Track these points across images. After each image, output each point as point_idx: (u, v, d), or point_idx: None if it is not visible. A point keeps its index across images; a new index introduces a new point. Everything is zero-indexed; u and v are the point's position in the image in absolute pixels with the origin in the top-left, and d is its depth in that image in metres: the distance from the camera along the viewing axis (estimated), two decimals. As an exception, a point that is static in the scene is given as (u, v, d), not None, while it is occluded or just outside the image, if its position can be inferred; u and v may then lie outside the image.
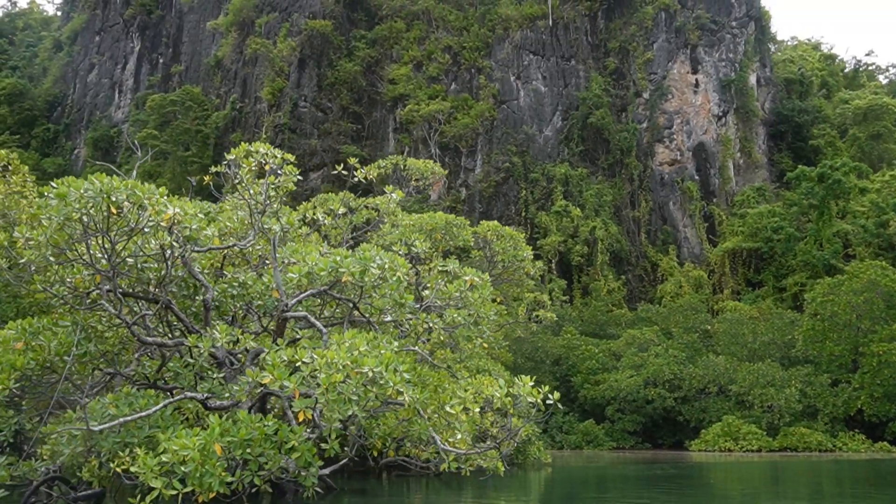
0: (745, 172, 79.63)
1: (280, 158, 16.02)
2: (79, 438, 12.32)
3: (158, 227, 12.66)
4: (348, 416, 11.04)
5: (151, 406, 12.59)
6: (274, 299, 14.70)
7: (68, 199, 11.98)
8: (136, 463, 11.25)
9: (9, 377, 14.15)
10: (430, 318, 15.03)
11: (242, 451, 10.84)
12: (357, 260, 13.31)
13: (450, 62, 78.69)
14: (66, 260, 13.53)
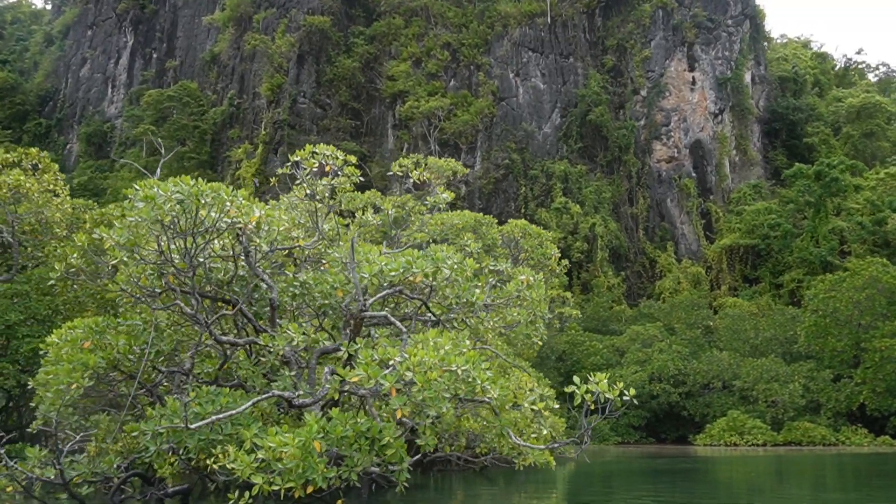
0: (740, 170, 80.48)
1: (342, 160, 16.29)
2: (164, 436, 12.57)
3: (243, 230, 12.92)
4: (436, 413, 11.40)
5: (233, 404, 12.86)
6: (340, 298, 15.01)
7: (157, 201, 12.22)
8: (229, 460, 11.53)
9: (82, 376, 14.40)
10: (490, 317, 15.37)
11: (340, 448, 11.17)
12: (430, 260, 13.64)
13: (449, 59, 78.94)
14: (144, 260, 13.75)
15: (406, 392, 11.15)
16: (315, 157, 16.38)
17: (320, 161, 16.21)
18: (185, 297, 14.03)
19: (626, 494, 17.06)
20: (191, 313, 13.89)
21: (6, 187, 23.44)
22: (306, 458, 10.83)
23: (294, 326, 13.92)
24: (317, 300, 15.73)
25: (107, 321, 15.58)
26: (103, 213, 24.34)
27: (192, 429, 11.82)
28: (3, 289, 24.57)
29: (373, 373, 11.30)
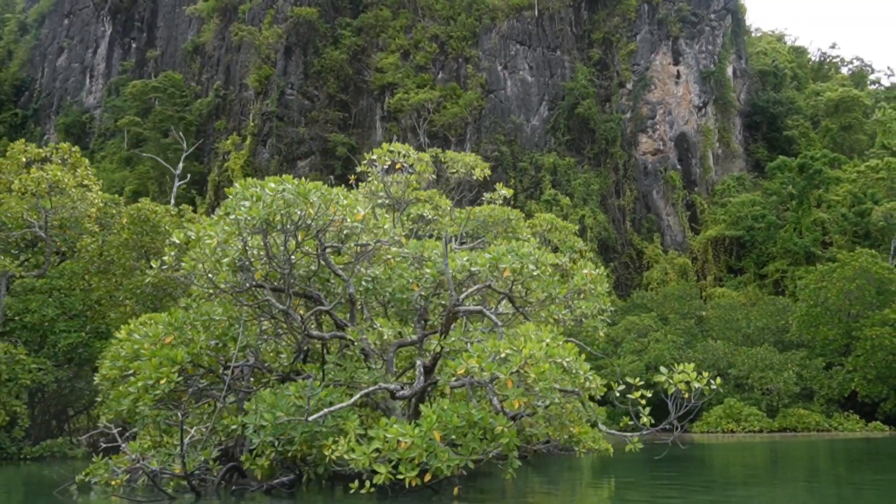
0: (723, 162, 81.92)
1: (415, 158, 16.66)
2: (267, 429, 12.89)
3: (347, 227, 13.28)
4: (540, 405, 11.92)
5: (334, 397, 13.24)
6: (414, 293, 15.42)
7: (264, 200, 12.52)
8: (344, 451, 11.93)
9: (170, 371, 14.66)
10: (559, 309, 15.90)
11: (457, 437, 11.64)
12: (515, 256, 14.11)
13: (437, 51, 79.17)
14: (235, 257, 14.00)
15: (519, 383, 11.65)
16: (389, 154, 16.69)
17: (392, 159, 16.51)
18: (278, 295, 14.33)
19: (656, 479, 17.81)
20: (283, 308, 14.20)
21: (45, 182, 23.41)
22: (429, 447, 11.28)
23: (382, 321, 14.31)
24: (387, 294, 16.13)
25: (185, 317, 15.81)
26: (139, 209, 24.40)
27: (310, 420, 12.18)
28: (39, 284, 24.56)
29: (489, 366, 11.77)
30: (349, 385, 14.37)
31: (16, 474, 19.23)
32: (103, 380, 17.63)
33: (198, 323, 16.04)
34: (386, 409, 14.84)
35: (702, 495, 13.71)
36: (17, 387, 22.16)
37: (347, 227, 13.51)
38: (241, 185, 13.44)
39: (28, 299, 24.29)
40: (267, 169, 75.21)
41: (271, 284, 14.41)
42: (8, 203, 24.70)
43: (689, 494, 14.01)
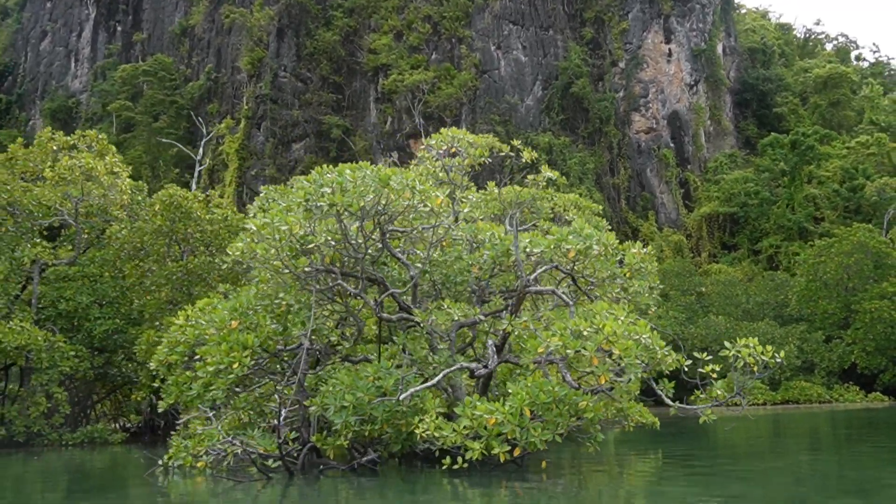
0: (714, 139, 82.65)
1: (468, 142, 16.94)
2: (349, 409, 13.22)
3: (431, 212, 13.58)
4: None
5: (409, 378, 13.59)
6: (474, 275, 15.76)
7: (345, 187, 12.78)
8: (433, 428, 12.31)
9: (241, 355, 14.94)
10: (613, 288, 16.30)
11: (543, 413, 12.05)
12: (579, 237, 14.48)
13: (430, 32, 78.96)
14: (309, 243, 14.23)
15: (604, 359, 12.07)
16: (445, 139, 16.97)
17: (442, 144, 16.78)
18: (348, 280, 14.61)
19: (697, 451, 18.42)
20: (355, 292, 14.49)
21: (77, 170, 23.44)
22: (521, 423, 11.68)
23: (450, 302, 14.66)
24: (445, 276, 16.45)
25: (249, 302, 16.04)
26: (171, 196, 24.48)
27: (401, 399, 12.54)
28: (73, 271, 24.63)
29: (573, 344, 12.16)
30: (420, 365, 14.72)
31: (80, 460, 19.45)
32: (160, 365, 17.86)
33: (259, 307, 16.30)
34: (451, 388, 15.21)
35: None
36: (56, 374, 22.32)
37: (421, 211, 13.80)
38: (318, 172, 13.67)
39: (62, 287, 24.37)
40: (262, 152, 75.03)
41: (340, 269, 14.67)
42: (42, 191, 24.70)
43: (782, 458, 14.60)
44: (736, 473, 14.54)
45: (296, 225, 13.23)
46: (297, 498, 11.68)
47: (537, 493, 11.69)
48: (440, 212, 14.35)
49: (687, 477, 14.24)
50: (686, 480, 13.66)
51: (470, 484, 12.19)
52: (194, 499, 11.79)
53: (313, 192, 13.20)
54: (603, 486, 12.68)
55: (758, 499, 10.96)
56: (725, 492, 11.51)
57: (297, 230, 13.28)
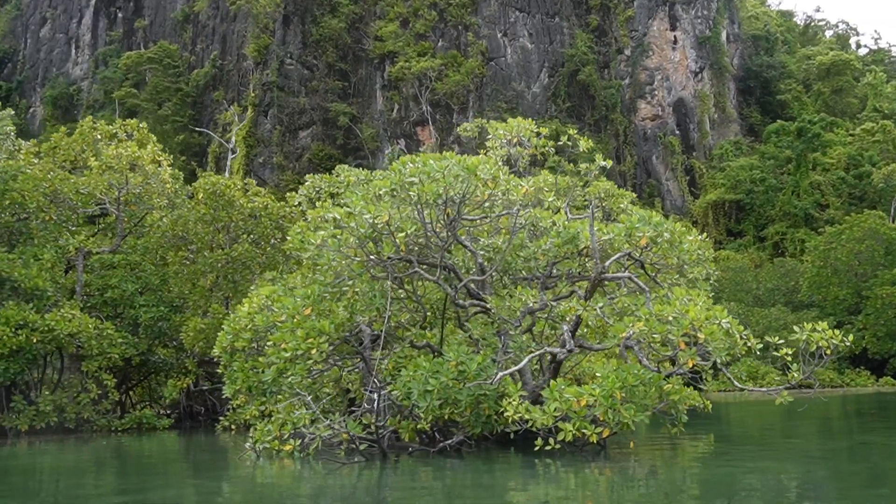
0: (719, 127, 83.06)
1: (531, 130, 17.24)
2: (433, 392, 13.56)
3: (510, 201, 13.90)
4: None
5: (487, 363, 13.95)
6: (542, 262, 16.10)
7: (433, 176, 13.07)
8: (523, 410, 12.68)
9: (318, 341, 15.24)
10: (671, 275, 16.67)
11: (630, 396, 12.44)
12: (651, 225, 14.83)
13: (436, 19, 78.92)
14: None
15: (692, 344, 12.47)
16: (508, 129, 17.27)
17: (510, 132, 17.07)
18: (423, 268, 14.90)
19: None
20: (432, 279, 14.81)
21: (124, 159, 23.62)
22: (613, 405, 12.06)
23: (521, 289, 14.99)
24: (504, 263, 16.77)
25: (321, 289, 16.32)
26: (215, 184, 24.69)
27: (493, 383, 12.89)
28: (117, 259, 24.84)
29: (660, 328, 12.53)
30: (493, 350, 15.07)
31: (145, 445, 19.73)
32: (223, 351, 18.15)
33: (327, 294, 16.59)
34: (518, 373, 15.55)
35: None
36: (105, 361, 22.57)
37: (500, 200, 14.12)
38: (402, 162, 13.95)
39: (106, 275, 24.58)
40: (269, 140, 75.01)
41: (416, 257, 14.97)
42: (88, 179, 24.84)
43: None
44: (820, 452, 15.00)
45: (384, 214, 13.50)
46: (408, 477, 12.02)
47: (637, 471, 12.18)
48: (517, 200, 14.64)
49: (775, 454, 14.69)
50: (774, 457, 14.09)
51: (563, 464, 12.58)
52: (303, 481, 12.09)
53: (399, 182, 13.48)
54: (695, 465, 13.13)
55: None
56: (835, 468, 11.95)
57: (384, 219, 13.55)
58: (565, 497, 10.02)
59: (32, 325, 21.18)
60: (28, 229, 23.64)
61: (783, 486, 10.55)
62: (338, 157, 76.33)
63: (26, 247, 23.13)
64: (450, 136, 75.88)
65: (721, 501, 9.45)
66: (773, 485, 10.58)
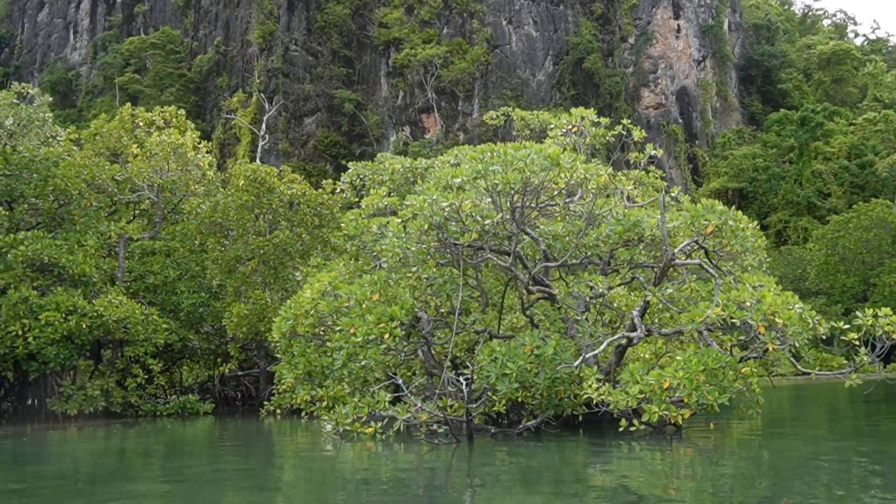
0: (721, 115, 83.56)
1: (588, 119, 17.56)
2: (511, 377, 13.91)
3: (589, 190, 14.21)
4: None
5: (562, 347, 14.31)
6: (600, 249, 16.45)
7: (515, 164, 13.36)
8: (604, 392, 13.06)
9: (389, 326, 15.53)
10: (724, 263, 17.04)
11: (710, 380, 12.81)
12: (717, 213, 15.19)
13: (441, 6, 78.89)
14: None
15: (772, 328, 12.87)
16: (569, 118, 17.58)
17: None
18: (496, 255, 15.22)
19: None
20: (504, 265, 15.13)
21: (168, 146, 23.75)
22: (697, 388, 12.45)
23: (595, 277, 15.34)
24: (563, 250, 17.09)
25: (387, 275, 16.60)
26: (255, 170, 24.87)
27: (576, 366, 13.26)
28: (158, 246, 25.01)
29: (739, 314, 12.92)
30: (561, 334, 15.44)
31: (200, 429, 19.96)
32: (282, 337, 18.42)
33: (390, 281, 16.89)
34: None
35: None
36: (151, 346, 22.79)
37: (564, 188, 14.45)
38: (480, 151, 14.23)
39: (148, 261, 24.74)
40: (275, 126, 74.94)
41: (487, 245, 15.27)
42: (132, 166, 24.95)
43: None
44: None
45: (468, 203, 13.77)
46: (506, 456, 12.35)
47: (720, 450, 12.62)
48: (591, 188, 14.98)
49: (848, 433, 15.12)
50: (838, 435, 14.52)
51: (647, 445, 12.97)
52: (400, 461, 12.37)
53: (481, 170, 13.75)
54: (777, 443, 13.59)
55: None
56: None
57: (469, 207, 13.82)
58: (668, 472, 10.39)
59: (82, 311, 21.39)
60: (70, 215, 23.75)
61: (870, 462, 10.96)
62: (343, 144, 76.54)
63: (68, 233, 23.25)
64: (455, 124, 76.07)
65: (822, 474, 9.84)
66: (861, 462, 10.99)
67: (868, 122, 72.44)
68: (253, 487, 10.17)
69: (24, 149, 24.30)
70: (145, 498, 9.35)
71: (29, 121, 25.80)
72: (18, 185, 23.35)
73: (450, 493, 9.30)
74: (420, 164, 22.69)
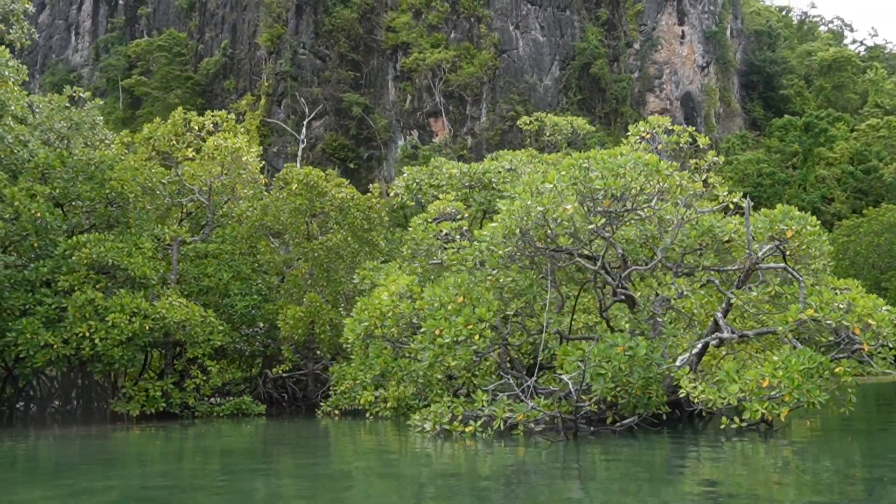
0: (724, 121, 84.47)
1: (664, 129, 18.02)
2: (606, 376, 14.34)
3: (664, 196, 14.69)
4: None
5: (654, 348, 14.76)
6: (676, 253, 16.92)
7: (618, 171, 13.81)
8: (702, 391, 13.51)
9: (478, 327, 15.93)
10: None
11: (805, 380, 13.30)
12: (795, 218, 15.72)
13: (449, 11, 79.40)
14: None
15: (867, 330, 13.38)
16: (646, 126, 18.07)
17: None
18: (585, 258, 15.66)
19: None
20: (594, 268, 15.57)
21: (226, 150, 24.05)
22: (798, 386, 12.92)
23: (679, 280, 15.80)
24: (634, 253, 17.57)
25: (470, 278, 17.01)
26: (308, 174, 25.19)
27: (678, 367, 13.71)
28: (212, 248, 25.28)
29: (834, 315, 13.42)
30: (644, 335, 15.89)
31: (272, 431, 20.22)
32: (356, 339, 18.77)
33: (472, 284, 17.30)
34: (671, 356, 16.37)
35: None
36: (209, 348, 23.06)
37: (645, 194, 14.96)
38: (577, 157, 14.69)
39: (202, 264, 24.99)
40: (283, 129, 75.19)
41: (574, 249, 15.72)
42: (189, 169, 25.23)
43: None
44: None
45: (568, 208, 14.22)
46: (613, 451, 12.73)
47: (819, 446, 13.11)
48: (676, 193, 15.48)
49: None
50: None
51: (749, 441, 13.45)
52: (517, 458, 12.71)
53: (580, 176, 14.20)
54: (874, 441, 14.11)
55: None
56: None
57: (569, 212, 14.26)
58: (775, 468, 10.85)
59: (144, 313, 21.65)
60: (125, 218, 24.00)
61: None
62: (350, 147, 76.90)
63: (124, 235, 23.49)
64: (463, 128, 76.54)
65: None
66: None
67: (871, 128, 73.44)
68: (392, 476, 10.54)
69: (80, 152, 24.55)
70: (315, 492, 9.70)
71: (79, 124, 26.01)
72: (74, 188, 23.59)
73: (592, 486, 9.71)
74: (477, 168, 23.11)
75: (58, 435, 20.00)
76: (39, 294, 21.63)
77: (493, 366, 19.23)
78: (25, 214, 22.00)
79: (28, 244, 22.18)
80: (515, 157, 22.82)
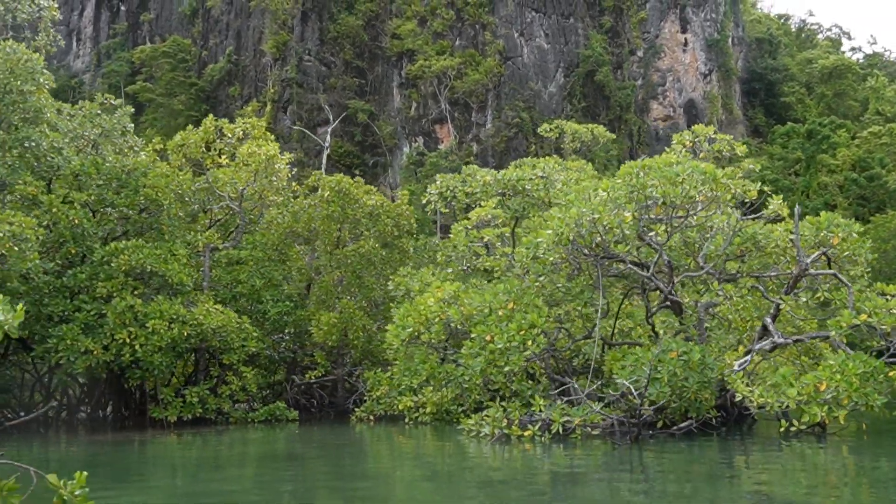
0: (726, 128, 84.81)
1: (706, 139, 18.34)
2: (662, 381, 14.58)
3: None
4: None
5: (706, 353, 15.01)
6: (720, 260, 17.19)
7: (675, 180, 14.07)
8: (759, 395, 13.76)
9: (530, 333, 16.17)
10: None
11: (861, 384, 13.57)
12: (841, 226, 16.01)
13: (454, 18, 79.72)
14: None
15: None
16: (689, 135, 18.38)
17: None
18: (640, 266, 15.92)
19: None
20: (646, 276, 15.82)
21: (261, 157, 24.25)
22: (856, 390, 13.19)
23: (726, 286, 16.07)
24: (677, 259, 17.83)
25: (518, 285, 17.25)
26: (339, 181, 25.40)
27: (736, 370, 13.96)
28: (244, 255, 25.44)
29: (888, 319, 13.70)
30: (694, 341, 16.14)
31: (315, 436, 20.36)
32: (401, 345, 18.97)
33: (518, 290, 17.53)
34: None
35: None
36: (243, 354, 23.22)
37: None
38: (632, 166, 14.96)
39: (234, 270, 25.15)
40: (289, 136, 75.30)
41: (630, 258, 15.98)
42: (224, 175, 25.40)
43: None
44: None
45: (628, 216, 14.48)
46: (672, 454, 12.96)
47: (879, 451, 13.39)
48: (728, 200, 15.78)
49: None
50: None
51: (807, 444, 13.72)
52: (584, 460, 12.92)
53: (637, 185, 14.46)
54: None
55: None
56: None
57: (629, 220, 14.52)
58: (832, 470, 11.12)
59: (182, 319, 21.79)
60: (158, 224, 24.15)
61: None
62: (356, 154, 77.09)
63: (157, 242, 23.64)
64: (468, 135, 76.86)
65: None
66: None
67: (873, 135, 74.03)
68: (473, 482, 10.74)
69: (113, 158, 24.70)
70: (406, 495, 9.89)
71: (110, 131, 26.18)
72: (108, 195, 23.73)
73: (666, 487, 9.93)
74: (511, 175, 23.31)
75: (110, 441, 20.11)
76: (78, 300, 21.75)
77: (527, 370, 19.46)
78: (63, 221, 22.11)
79: (65, 251, 22.30)
80: (548, 165, 23.03)
